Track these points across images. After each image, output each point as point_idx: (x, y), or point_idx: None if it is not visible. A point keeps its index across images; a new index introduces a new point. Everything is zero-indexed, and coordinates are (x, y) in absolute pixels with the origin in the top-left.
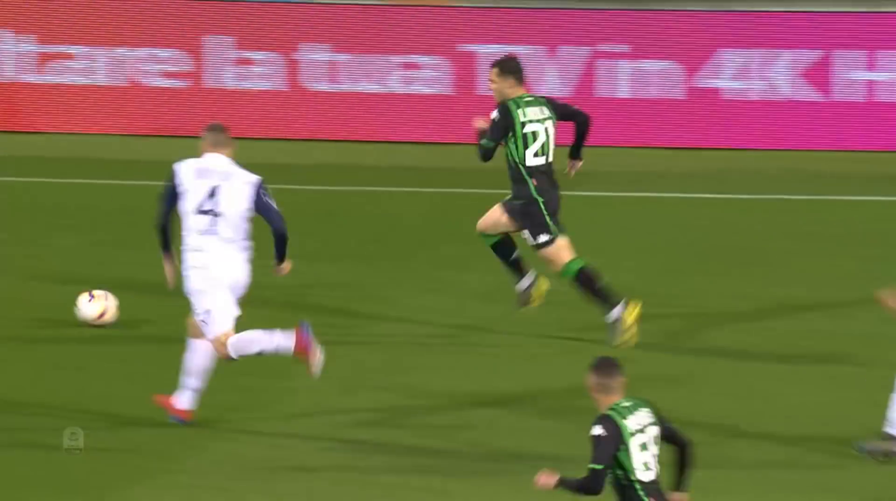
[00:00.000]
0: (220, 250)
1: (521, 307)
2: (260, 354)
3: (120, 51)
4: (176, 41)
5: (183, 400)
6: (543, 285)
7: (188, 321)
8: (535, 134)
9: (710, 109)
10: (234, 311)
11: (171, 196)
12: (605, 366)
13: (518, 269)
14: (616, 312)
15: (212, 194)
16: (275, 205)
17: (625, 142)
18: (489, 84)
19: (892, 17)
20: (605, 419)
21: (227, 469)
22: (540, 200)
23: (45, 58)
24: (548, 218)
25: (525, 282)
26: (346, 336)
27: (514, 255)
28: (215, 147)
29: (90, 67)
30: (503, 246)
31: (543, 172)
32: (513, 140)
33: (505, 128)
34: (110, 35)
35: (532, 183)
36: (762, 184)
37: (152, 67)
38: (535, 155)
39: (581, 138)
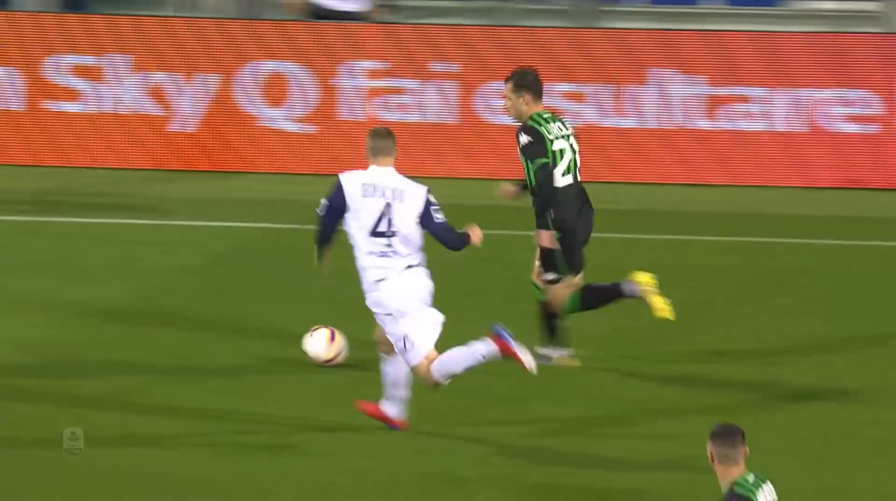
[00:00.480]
0: (401, 270)
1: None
2: (469, 369)
3: (804, 92)
4: (865, 81)
5: (392, 409)
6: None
7: (376, 336)
8: (562, 152)
9: None
10: (433, 329)
11: (336, 214)
12: (727, 434)
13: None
14: (556, 354)
15: (383, 214)
16: (442, 218)
17: None
18: (504, 102)
19: None
20: (735, 497)
21: None
22: (556, 236)
23: (717, 101)
24: (561, 256)
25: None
26: None
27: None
28: (379, 157)
29: (767, 111)
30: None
31: (571, 194)
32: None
33: (543, 146)
34: (791, 75)
35: (550, 215)
36: None
37: (838, 110)
38: (563, 174)
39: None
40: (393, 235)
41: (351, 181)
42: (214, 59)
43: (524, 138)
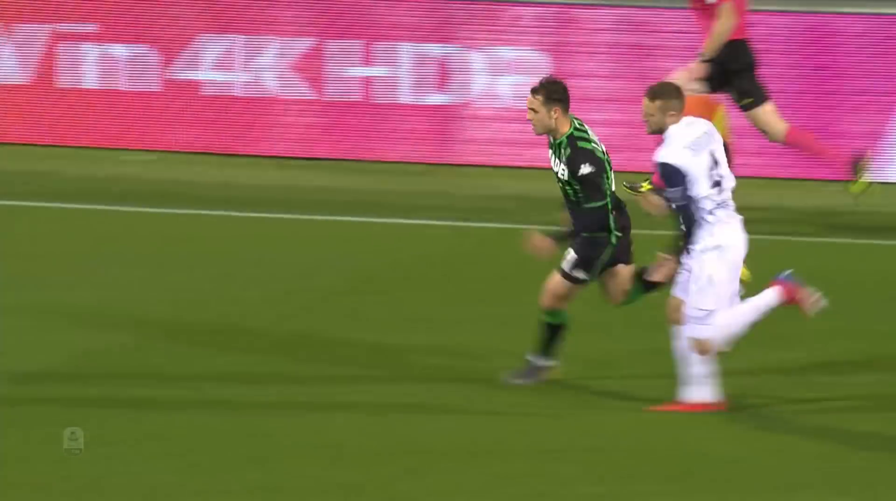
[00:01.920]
0: (731, 222)
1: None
2: (752, 325)
3: None
4: None
5: (704, 391)
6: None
7: (670, 305)
8: (609, 160)
9: None
10: (733, 311)
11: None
12: None
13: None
14: (545, 363)
15: (712, 164)
16: None
17: None
18: (528, 114)
19: None
20: None
21: None
22: (617, 236)
23: None
24: (601, 262)
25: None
26: None
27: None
28: (683, 112)
29: None
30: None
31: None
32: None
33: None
34: None
35: (612, 215)
36: None
37: None
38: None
39: None
40: (723, 178)
41: (679, 155)
42: None
43: (584, 169)
